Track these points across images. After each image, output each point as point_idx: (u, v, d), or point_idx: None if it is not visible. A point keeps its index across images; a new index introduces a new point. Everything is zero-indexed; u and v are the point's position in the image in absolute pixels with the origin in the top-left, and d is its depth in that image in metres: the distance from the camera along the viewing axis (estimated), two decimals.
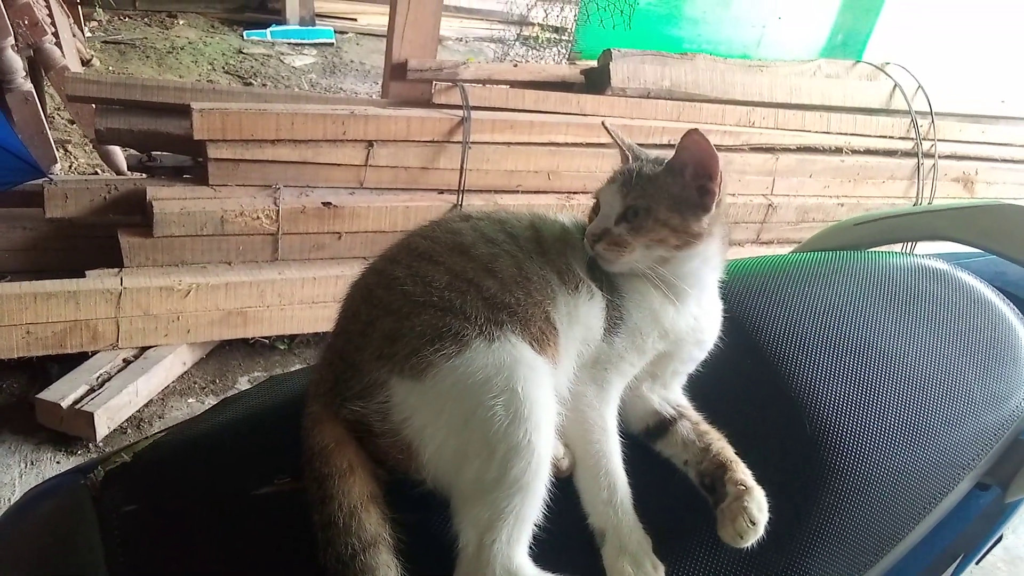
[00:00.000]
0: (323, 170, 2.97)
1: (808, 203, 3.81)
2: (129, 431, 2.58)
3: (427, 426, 0.82)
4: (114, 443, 2.52)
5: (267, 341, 3.02)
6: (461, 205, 3.11)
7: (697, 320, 0.98)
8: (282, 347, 3.05)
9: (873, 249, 1.38)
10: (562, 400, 0.88)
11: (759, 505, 0.86)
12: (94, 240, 2.82)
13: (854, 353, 1.09)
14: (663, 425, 0.96)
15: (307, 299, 2.92)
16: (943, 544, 1.10)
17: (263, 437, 0.92)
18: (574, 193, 3.36)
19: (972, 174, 4.21)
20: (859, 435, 1.00)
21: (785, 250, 3.79)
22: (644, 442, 0.97)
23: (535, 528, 0.81)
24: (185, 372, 2.86)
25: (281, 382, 1.02)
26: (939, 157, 4.02)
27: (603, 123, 1.10)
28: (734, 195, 3.54)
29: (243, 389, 1.04)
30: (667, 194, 0.96)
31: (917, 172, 3.99)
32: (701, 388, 1.03)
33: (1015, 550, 2.65)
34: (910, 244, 2.32)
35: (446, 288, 0.87)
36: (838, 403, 1.02)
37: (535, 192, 3.32)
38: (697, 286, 0.98)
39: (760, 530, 0.85)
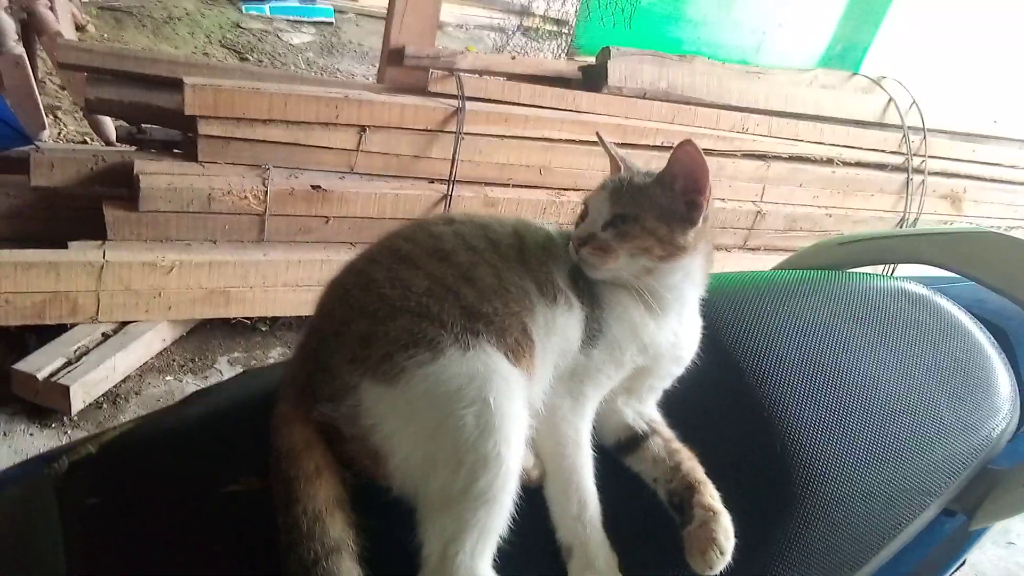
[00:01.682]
0: (314, 153, 2.95)
1: (797, 212, 3.83)
2: (105, 406, 2.56)
3: (396, 433, 0.82)
4: (89, 418, 2.50)
5: (249, 322, 3.01)
6: (451, 196, 3.10)
7: (677, 336, 0.98)
8: (264, 329, 3.04)
9: (855, 270, 1.38)
10: (535, 412, 0.88)
11: (726, 533, 0.86)
12: (78, 211, 2.79)
13: (830, 375, 1.09)
14: (635, 440, 0.96)
15: (291, 282, 2.90)
16: (906, 569, 1.11)
17: (233, 433, 0.91)
18: (565, 190, 3.36)
19: (960, 192, 4.23)
20: (829, 457, 1.00)
21: (772, 257, 3.81)
22: (615, 455, 0.97)
23: (500, 540, 0.81)
24: (164, 349, 2.84)
25: (254, 376, 1.01)
26: (928, 173, 4.04)
27: (597, 133, 1.09)
28: (724, 200, 3.55)
29: (217, 381, 1.02)
30: (656, 204, 0.96)
31: (907, 187, 4.01)
32: (677, 403, 1.03)
33: (979, 566, 2.68)
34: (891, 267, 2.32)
35: (424, 294, 0.87)
36: (810, 425, 1.02)
37: (526, 187, 3.31)
38: (679, 301, 0.98)
39: (728, 558, 0.85)
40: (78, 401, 2.48)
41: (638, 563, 0.88)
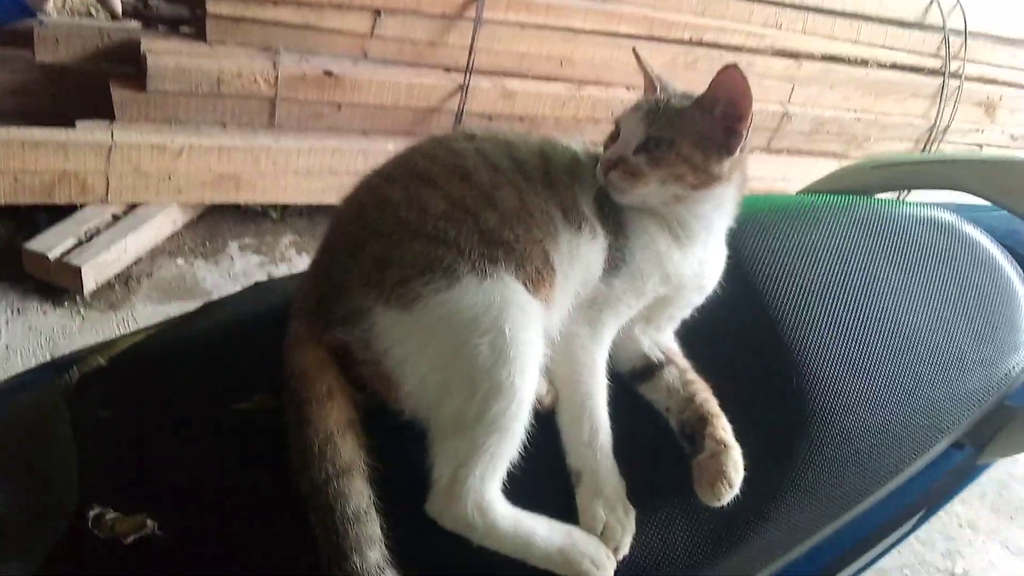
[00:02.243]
0: (326, 36, 2.83)
1: (825, 115, 3.70)
2: (117, 287, 2.57)
3: (410, 359, 0.81)
4: (102, 298, 2.52)
5: (259, 209, 2.98)
6: (468, 87, 3.00)
7: (701, 265, 0.95)
8: (274, 216, 3.01)
9: (886, 195, 1.33)
10: (552, 340, 0.87)
11: (736, 466, 0.86)
12: (85, 88, 2.71)
13: (851, 307, 1.06)
14: (650, 369, 0.95)
15: (302, 169, 2.85)
16: (909, 498, 1.12)
17: (245, 348, 0.90)
18: (585, 83, 3.24)
19: (996, 99, 4.08)
20: (845, 392, 0.99)
21: (795, 160, 3.72)
22: (628, 383, 0.96)
23: (510, 465, 0.81)
24: (175, 232, 2.82)
25: (269, 289, 1.00)
26: (965, 79, 3.87)
27: (634, 50, 1.02)
28: None
29: (230, 293, 1.00)
30: (693, 130, 0.91)
31: (941, 92, 3.86)
32: (694, 331, 1.01)
33: None
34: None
35: (442, 217, 0.83)
36: (829, 358, 1.01)
37: (546, 79, 3.19)
38: (707, 231, 0.95)
39: (736, 490, 0.85)
40: (90, 282, 2.48)
41: (646, 490, 0.88)
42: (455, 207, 0.84)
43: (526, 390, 0.80)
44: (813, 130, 3.70)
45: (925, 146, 3.93)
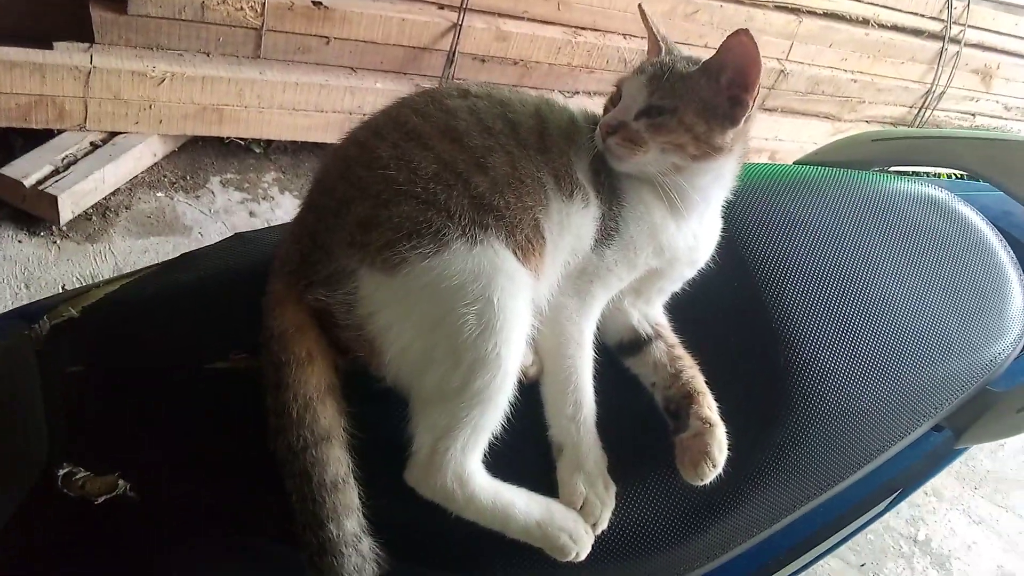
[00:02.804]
0: None
1: (822, 74, 3.64)
2: (95, 219, 2.51)
3: (394, 325, 0.78)
4: (79, 229, 2.45)
5: (242, 143, 2.90)
6: (461, 25, 2.91)
7: (696, 239, 0.93)
8: (257, 151, 2.94)
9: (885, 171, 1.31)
10: (539, 311, 0.85)
11: (720, 446, 0.85)
12: (66, 8, 2.60)
13: (841, 286, 1.05)
14: (638, 343, 0.94)
15: (288, 104, 2.77)
16: (885, 478, 1.13)
17: (222, 304, 0.87)
18: (582, 29, 3.15)
19: (994, 67, 4.03)
20: (830, 371, 0.99)
21: (787, 120, 3.68)
22: (615, 355, 0.95)
23: (492, 437, 0.80)
24: (155, 164, 2.74)
25: (247, 242, 0.95)
26: (965, 45, 3.82)
27: (640, 7, 0.97)
28: None
29: (207, 245, 0.95)
30: (697, 97, 0.87)
31: (939, 57, 3.81)
32: (685, 305, 0.99)
33: None
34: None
35: (432, 179, 0.80)
36: (816, 336, 1.00)
37: (542, 22, 3.10)
38: (704, 202, 0.93)
39: (719, 470, 0.85)
40: (67, 212, 2.42)
41: (628, 465, 0.87)
42: (446, 169, 0.81)
43: (512, 362, 0.78)
44: (808, 90, 3.65)
45: (919, 111, 3.90)
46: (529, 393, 0.85)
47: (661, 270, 0.92)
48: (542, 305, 0.85)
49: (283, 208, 2.76)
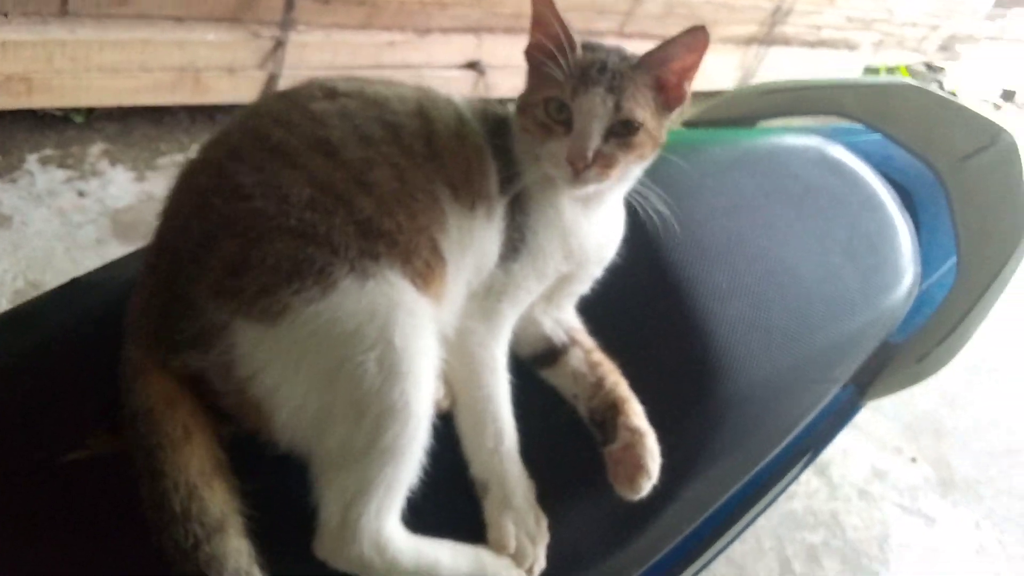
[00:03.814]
0: None
1: None
2: None
3: (282, 384, 0.67)
4: None
5: (59, 113, 2.58)
6: None
7: (604, 235, 0.85)
8: (79, 121, 2.62)
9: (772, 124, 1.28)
10: (444, 339, 0.75)
11: (652, 455, 0.80)
12: None
13: (746, 259, 1.02)
14: (553, 353, 0.86)
15: (107, 66, 2.45)
16: (798, 442, 1.13)
17: (66, 373, 0.72)
18: None
19: None
20: (746, 351, 0.95)
21: (646, 46, 3.64)
22: (531, 368, 0.87)
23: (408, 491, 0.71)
24: None
25: (87, 288, 0.79)
26: None
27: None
28: None
29: (37, 296, 0.78)
30: (649, 98, 0.79)
31: None
32: (595, 301, 0.93)
33: None
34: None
35: (307, 207, 0.68)
36: (728, 316, 0.96)
37: None
38: (617, 194, 0.86)
39: (655, 480, 0.80)
40: None
41: (556, 488, 0.81)
42: (322, 192, 0.69)
43: (423, 406, 0.69)
44: (665, 13, 3.61)
45: (769, 29, 3.96)
46: (443, 425, 0.77)
47: (572, 273, 0.84)
48: (447, 332, 0.76)
49: (116, 184, 2.48)
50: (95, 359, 0.69)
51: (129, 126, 2.66)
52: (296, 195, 0.68)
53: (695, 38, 0.76)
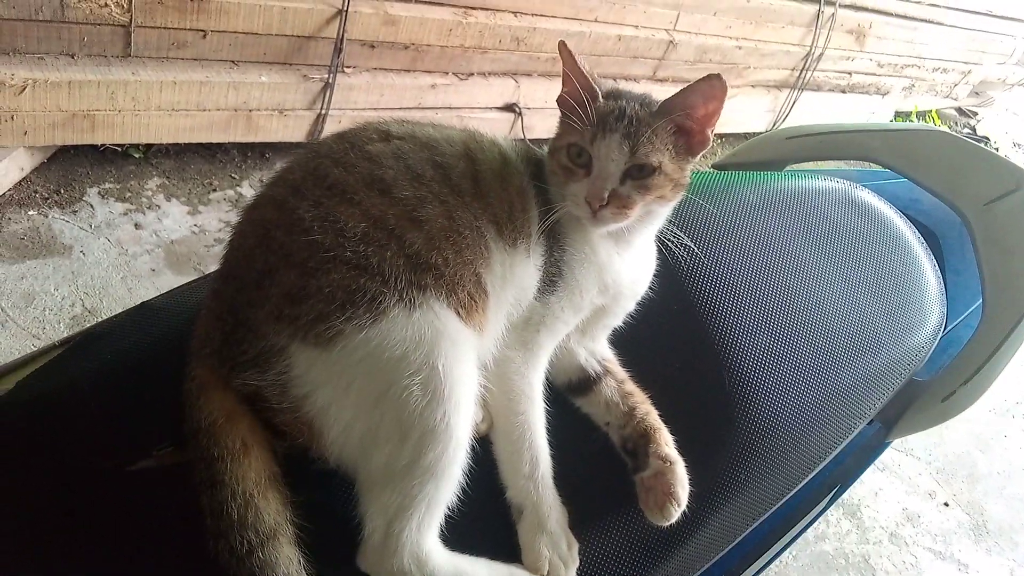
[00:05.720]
0: None
1: (708, 43, 3.68)
2: None
3: (332, 404, 0.73)
4: None
5: (119, 149, 2.70)
6: (347, 12, 2.77)
7: (637, 270, 0.90)
8: (137, 156, 2.74)
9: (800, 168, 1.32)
10: (484, 367, 0.80)
11: (682, 483, 0.84)
12: None
13: (774, 297, 1.06)
14: (587, 382, 0.91)
15: (166, 105, 2.58)
16: (824, 475, 1.15)
17: (134, 391, 0.78)
18: (472, 9, 3.07)
19: (866, 27, 4.18)
20: (773, 385, 0.99)
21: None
22: (565, 396, 0.91)
23: (447, 509, 0.76)
24: (23, 179, 2.52)
25: (153, 312, 0.86)
26: (839, 6, 3.94)
27: (561, 43, 0.88)
28: (636, 27, 3.36)
29: (110, 318, 0.84)
30: (669, 143, 0.85)
31: (816, 20, 3.92)
32: (628, 335, 0.97)
33: None
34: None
35: (362, 240, 0.74)
36: (756, 352, 1.00)
37: (430, 3, 2.98)
38: (649, 233, 0.90)
39: (684, 506, 0.83)
40: None
41: (588, 513, 0.85)
42: (376, 227, 0.75)
43: (463, 431, 0.74)
44: (696, 58, 3.69)
45: (800, 73, 4.01)
46: (481, 448, 0.81)
47: (606, 307, 0.89)
48: (487, 361, 0.81)
49: (171, 217, 2.59)
50: (162, 377, 0.74)
51: (184, 162, 2.77)
52: (351, 229, 0.74)
53: (711, 86, 0.81)
